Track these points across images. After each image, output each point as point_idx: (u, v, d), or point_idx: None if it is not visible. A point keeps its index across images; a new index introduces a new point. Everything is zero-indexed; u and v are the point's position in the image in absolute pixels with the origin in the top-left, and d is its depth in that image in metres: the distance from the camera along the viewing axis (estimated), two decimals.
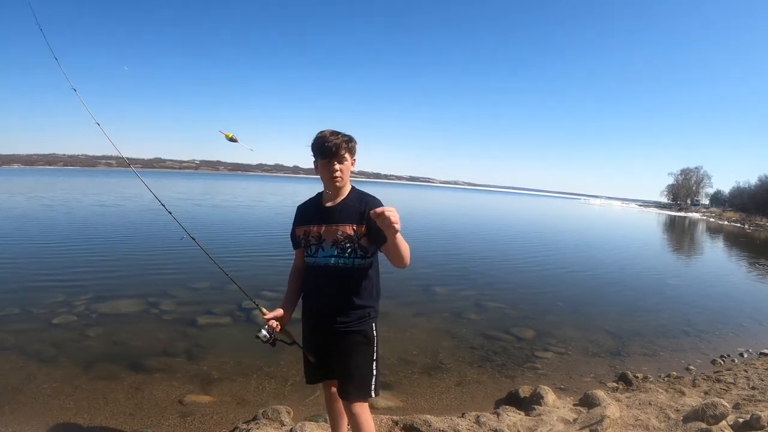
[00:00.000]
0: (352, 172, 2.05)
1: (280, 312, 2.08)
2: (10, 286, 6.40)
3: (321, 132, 1.99)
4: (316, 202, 2.10)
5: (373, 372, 2.02)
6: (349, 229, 1.95)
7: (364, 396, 2.00)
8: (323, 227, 2.00)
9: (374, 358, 2.03)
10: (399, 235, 1.75)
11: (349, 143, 1.99)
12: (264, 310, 2.10)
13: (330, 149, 1.94)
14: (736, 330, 6.63)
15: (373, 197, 2.02)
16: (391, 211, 1.64)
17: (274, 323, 2.04)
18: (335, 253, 1.96)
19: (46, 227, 12.20)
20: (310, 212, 2.08)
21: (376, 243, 1.93)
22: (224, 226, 14.66)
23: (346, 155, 1.99)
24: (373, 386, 2.01)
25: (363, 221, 1.94)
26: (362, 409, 2.00)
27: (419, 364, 4.54)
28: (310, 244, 2.03)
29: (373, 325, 2.04)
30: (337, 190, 2.01)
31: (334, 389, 2.15)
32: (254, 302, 2.23)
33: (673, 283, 10.23)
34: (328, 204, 2.03)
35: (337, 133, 1.98)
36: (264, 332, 2.01)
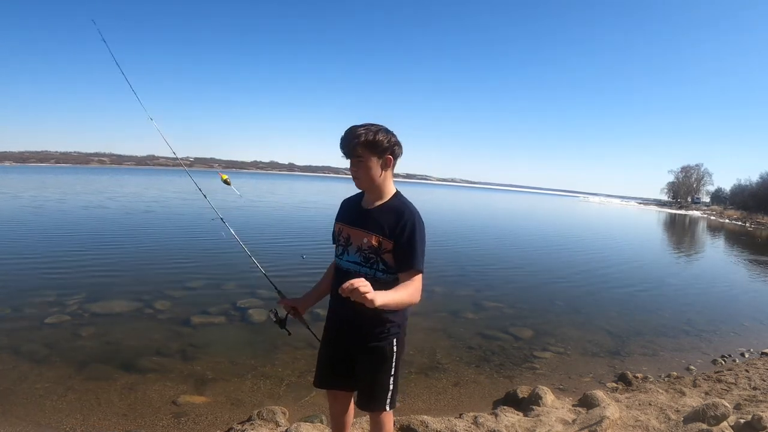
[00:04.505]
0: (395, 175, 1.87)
1: (296, 300, 2.09)
2: (2, 286, 6.33)
3: (349, 127, 1.80)
4: (357, 200, 1.96)
5: (389, 387, 1.93)
6: (375, 240, 1.80)
7: (378, 409, 1.94)
8: (353, 230, 1.88)
9: (392, 373, 1.93)
10: (389, 302, 1.60)
11: (366, 138, 1.75)
12: (282, 293, 2.13)
13: (344, 149, 1.78)
14: (737, 329, 6.60)
15: (411, 212, 1.81)
16: (355, 286, 1.46)
17: (288, 308, 2.05)
18: (358, 260, 1.84)
19: (39, 226, 12.12)
20: (349, 210, 1.96)
21: (395, 269, 1.81)
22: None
23: (365, 154, 1.77)
24: (388, 401, 1.93)
25: (392, 236, 1.78)
26: (383, 418, 1.95)
27: (416, 364, 4.49)
28: (340, 244, 1.93)
29: (394, 341, 1.92)
30: (371, 193, 1.86)
31: (339, 399, 2.10)
32: (274, 285, 2.21)
33: (674, 282, 10.19)
34: (366, 206, 1.89)
35: (360, 128, 1.76)
36: (275, 311, 2.08)
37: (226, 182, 2.28)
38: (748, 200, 57.42)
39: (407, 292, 1.70)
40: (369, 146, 1.76)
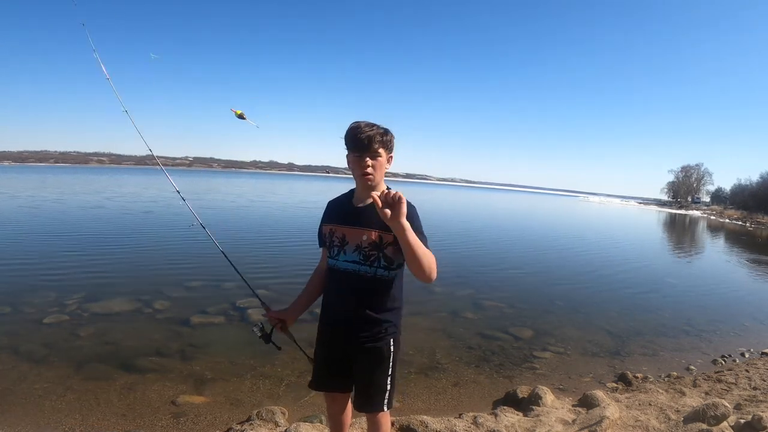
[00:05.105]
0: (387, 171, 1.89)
1: (283, 313, 2.06)
2: (1, 286, 6.33)
3: (355, 122, 1.83)
4: (347, 199, 1.95)
5: (387, 387, 1.93)
6: (375, 235, 1.80)
7: (376, 409, 1.93)
8: (348, 229, 1.86)
9: (389, 373, 1.93)
10: (413, 237, 1.63)
11: (383, 137, 1.81)
12: (267, 306, 2.10)
13: (361, 142, 1.77)
14: (737, 329, 6.58)
15: (408, 203, 1.78)
16: (394, 192, 1.56)
17: (273, 321, 2.05)
18: (357, 259, 1.83)
19: (37, 226, 12.11)
20: (339, 210, 1.94)
21: (398, 261, 1.83)
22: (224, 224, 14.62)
23: (380, 150, 1.81)
24: (386, 401, 1.93)
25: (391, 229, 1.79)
26: (381, 418, 1.94)
27: (416, 364, 4.49)
28: (334, 245, 1.90)
29: (391, 341, 1.92)
30: (369, 189, 1.84)
31: (337, 400, 2.09)
32: (258, 297, 2.18)
33: (674, 282, 10.18)
34: (358, 204, 1.89)
35: (372, 125, 1.81)
36: (261, 325, 2.06)
37: (240, 116, 2.17)
38: (748, 200, 57.40)
39: (430, 253, 1.70)
40: (384, 143, 1.83)
